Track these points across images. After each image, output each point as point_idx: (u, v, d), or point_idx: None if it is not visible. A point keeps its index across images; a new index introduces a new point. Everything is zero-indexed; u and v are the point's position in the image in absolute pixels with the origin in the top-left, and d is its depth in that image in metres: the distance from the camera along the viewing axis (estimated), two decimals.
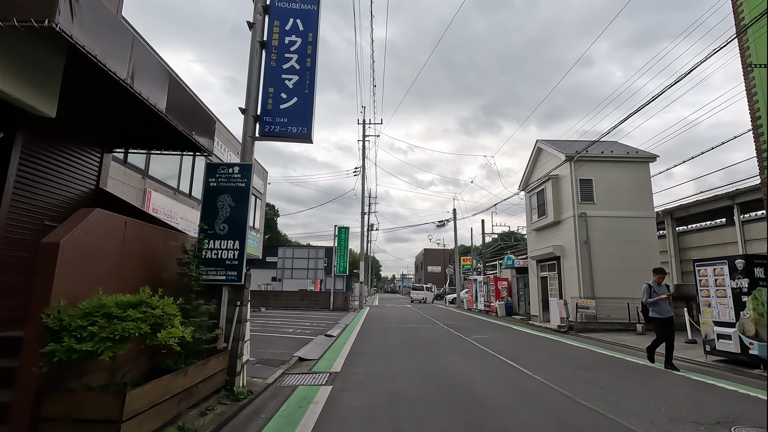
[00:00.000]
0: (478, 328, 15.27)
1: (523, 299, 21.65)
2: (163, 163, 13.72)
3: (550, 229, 17.17)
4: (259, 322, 14.43)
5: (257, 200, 23.89)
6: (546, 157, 17.97)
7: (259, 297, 24.95)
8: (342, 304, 24.36)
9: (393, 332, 13.11)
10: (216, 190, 5.57)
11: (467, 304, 30.70)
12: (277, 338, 10.57)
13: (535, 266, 18.62)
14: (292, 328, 13.09)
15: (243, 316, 5.40)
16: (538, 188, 17.87)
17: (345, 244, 24.91)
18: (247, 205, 5.56)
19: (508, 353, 9.05)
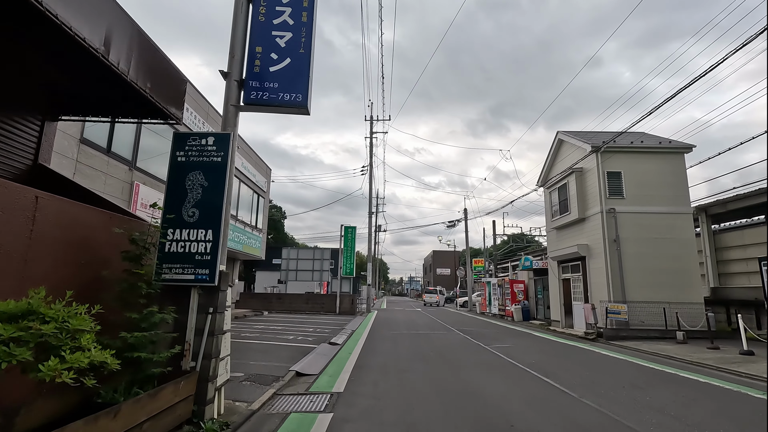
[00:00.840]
0: (496, 334, 13.97)
1: (542, 303, 20.27)
2: (155, 154, 12.68)
3: (574, 227, 15.83)
4: (257, 328, 13.29)
5: (260, 198, 22.85)
6: (568, 150, 16.64)
7: (262, 300, 23.88)
8: (349, 308, 23.18)
9: (404, 340, 11.88)
10: (185, 166, 4.42)
11: (480, 307, 29.32)
12: (275, 347, 9.40)
13: (555, 268, 17.26)
14: (294, 334, 11.92)
15: (217, 326, 4.22)
16: (560, 183, 16.55)
17: (352, 245, 23.74)
18: (225, 184, 4.40)
19: (540, 367, 7.77)
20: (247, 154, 20.86)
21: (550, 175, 18.17)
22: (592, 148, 14.30)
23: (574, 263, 15.87)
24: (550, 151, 18.03)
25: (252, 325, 14.22)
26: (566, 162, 16.56)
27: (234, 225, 18.61)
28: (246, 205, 20.82)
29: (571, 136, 16.29)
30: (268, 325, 14.63)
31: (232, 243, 18.39)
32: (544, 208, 18.85)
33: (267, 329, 13.11)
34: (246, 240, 20.14)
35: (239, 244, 19.14)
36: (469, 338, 12.51)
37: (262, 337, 11.05)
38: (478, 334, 13.68)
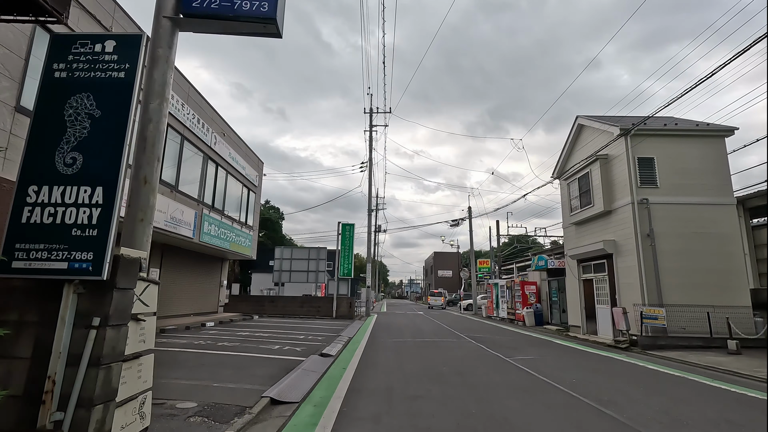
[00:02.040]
0: (513, 342, 12.26)
1: (557, 306, 18.56)
2: None
3: (598, 222, 14.14)
4: (240, 335, 11.58)
5: (250, 192, 21.16)
6: (589, 135, 14.98)
7: (253, 303, 22.18)
8: (346, 312, 21.47)
9: (409, 350, 10.18)
10: (65, 86, 2.73)
11: (486, 311, 27.62)
12: (253, 361, 7.69)
13: (575, 267, 15.57)
14: (281, 343, 10.22)
15: (110, 349, 2.51)
16: (581, 173, 14.88)
17: (350, 243, 22.04)
18: (129, 114, 2.70)
19: (588, 390, 6.07)
20: (236, 145, 19.20)
21: (568, 165, 16.51)
22: (621, 131, 12.63)
23: (597, 262, 14.18)
24: (567, 138, 16.37)
25: (235, 332, 12.50)
26: (587, 149, 14.90)
27: (220, 221, 16.94)
28: (234, 199, 19.14)
29: (593, 120, 14.63)
30: (254, 331, 12.92)
31: (218, 240, 16.71)
32: (560, 202, 17.17)
33: (251, 336, 11.40)
34: (234, 238, 18.46)
35: (226, 242, 17.45)
36: (485, 348, 10.80)
37: (242, 347, 9.34)
38: (492, 343, 11.97)
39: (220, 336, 11.31)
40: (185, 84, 14.11)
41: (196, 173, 15.41)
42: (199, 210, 15.09)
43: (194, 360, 7.51)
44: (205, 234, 15.49)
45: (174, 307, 16.29)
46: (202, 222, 15.29)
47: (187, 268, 17.48)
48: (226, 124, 17.77)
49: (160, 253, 15.35)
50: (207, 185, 16.09)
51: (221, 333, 12.16)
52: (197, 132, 14.89)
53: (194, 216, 14.59)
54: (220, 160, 17.01)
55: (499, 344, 11.66)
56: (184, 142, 14.09)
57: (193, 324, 13.86)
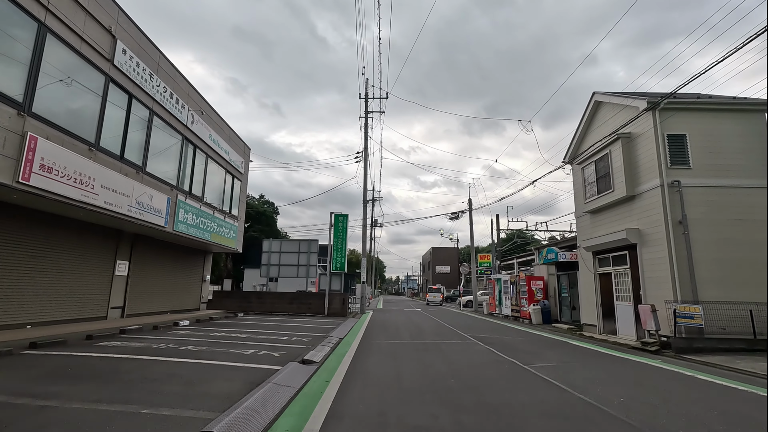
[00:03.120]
0: (525, 344, 10.80)
1: (567, 303, 17.13)
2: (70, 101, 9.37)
3: (618, 209, 12.66)
4: (214, 336, 10.04)
5: (235, 180, 19.53)
6: (608, 113, 13.47)
7: (239, 299, 20.61)
8: (339, 309, 19.96)
9: (408, 354, 8.68)
10: None
11: (487, 308, 26.20)
12: (216, 371, 6.16)
13: (590, 260, 14.12)
14: (257, 347, 8.70)
15: None
16: (598, 155, 13.37)
17: (343, 235, 20.49)
18: None
19: (650, 416, 4.58)
20: (219, 127, 17.56)
21: (582, 147, 15.01)
22: (648, 104, 11.12)
23: (617, 254, 12.71)
24: (582, 119, 14.86)
25: (210, 332, 10.96)
26: (605, 129, 13.40)
27: (199, 209, 15.34)
28: (216, 186, 17.52)
29: (613, 96, 13.11)
30: (232, 331, 11.39)
31: (197, 230, 15.12)
32: (573, 189, 15.68)
33: (226, 338, 9.86)
34: (216, 228, 16.87)
35: (206, 232, 15.87)
36: (495, 351, 9.31)
37: (209, 352, 7.80)
38: (502, 345, 10.49)
39: (188, 338, 9.77)
40: (154, 51, 12.47)
41: (170, 155, 13.80)
42: (173, 196, 13.49)
43: (139, 371, 5.97)
44: (180, 223, 13.91)
45: (146, 304, 14.71)
46: (176, 209, 13.70)
47: (162, 261, 15.89)
48: (205, 102, 16.12)
49: (130, 244, 13.76)
50: (183, 169, 14.48)
51: (192, 334, 10.61)
52: (170, 108, 13.26)
53: (167, 202, 12.99)
54: (198, 142, 15.39)
55: (510, 346, 10.19)
56: (153, 118, 12.46)
57: (164, 323, 12.29)
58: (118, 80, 10.77)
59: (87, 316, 11.77)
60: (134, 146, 11.67)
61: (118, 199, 10.62)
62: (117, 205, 10.56)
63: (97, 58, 10.03)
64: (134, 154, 11.65)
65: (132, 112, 11.46)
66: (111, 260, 12.90)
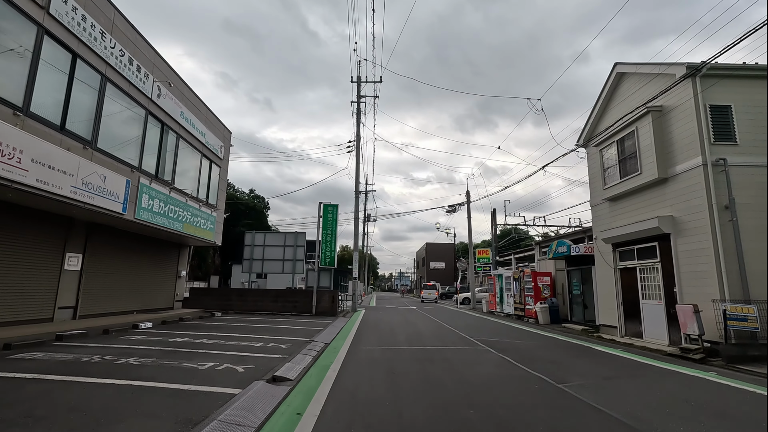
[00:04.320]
0: (544, 351, 9.19)
1: (579, 301, 15.58)
2: None
3: (647, 194, 11.08)
4: (172, 343, 8.27)
5: (213, 165, 17.66)
6: (633, 85, 11.85)
7: (219, 297, 18.79)
8: (328, 307, 18.24)
9: (407, 368, 6.99)
10: None
11: (487, 305, 24.65)
12: (145, 396, 4.41)
13: (609, 253, 12.54)
14: (221, 357, 6.97)
15: None
16: (621, 133, 11.76)
17: (333, 228, 18.74)
18: None
19: None
20: (194, 106, 15.69)
21: (599, 127, 13.39)
22: (688, 70, 9.51)
23: (644, 245, 11.14)
24: (600, 95, 13.23)
25: (169, 338, 9.19)
26: (629, 104, 11.79)
27: (168, 195, 13.50)
28: (190, 171, 15.67)
29: (640, 65, 11.50)
30: (199, 335, 9.61)
31: (165, 219, 13.29)
32: (588, 175, 14.08)
33: (185, 345, 8.10)
34: (190, 218, 15.03)
35: (177, 222, 14.04)
36: (514, 362, 7.66)
37: (151, 368, 6.04)
38: (518, 353, 8.86)
39: (139, 346, 8.00)
40: (108, 6, 10.58)
41: (131, 131, 11.95)
42: (133, 178, 11.66)
43: (30, 401, 4.20)
44: (144, 210, 12.08)
45: (105, 303, 12.87)
46: (139, 194, 11.87)
47: (127, 254, 14.05)
48: (176, 76, 14.24)
49: (84, 235, 11.91)
50: (148, 148, 12.64)
51: (147, 340, 8.84)
52: (129, 76, 11.39)
53: (126, 185, 11.17)
54: (167, 119, 13.52)
55: (528, 354, 8.56)
56: (106, 86, 10.60)
57: (120, 326, 10.49)
58: (56, 33, 8.90)
59: (26, 318, 9.94)
60: (80, 117, 9.82)
61: (57, 177, 8.78)
62: (56, 185, 8.72)
63: (26, 3, 8.18)
64: (80, 125, 9.80)
65: (77, 77, 9.59)
66: (59, 253, 11.05)
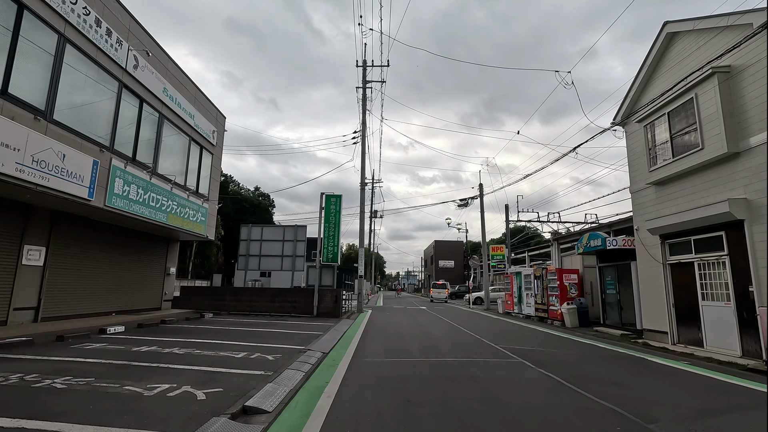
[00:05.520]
0: (593, 366, 7.42)
1: (614, 302, 13.74)
2: None
3: (710, 174, 9.24)
4: (130, 356, 6.63)
5: (203, 151, 16.06)
6: (689, 45, 10.00)
7: (212, 297, 17.21)
8: (331, 308, 16.58)
9: (426, 391, 5.28)
10: None
11: (503, 306, 22.83)
12: None
13: (656, 246, 10.72)
14: (181, 376, 5.32)
15: None
16: (676, 102, 9.93)
17: (336, 221, 17.07)
18: None
19: None
20: (180, 84, 14.07)
21: (643, 100, 11.53)
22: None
23: (706, 236, 9.31)
24: (644, 63, 11.38)
25: (133, 348, 7.56)
26: (683, 68, 9.95)
27: (149, 181, 11.91)
28: (175, 156, 14.04)
29: (699, 20, 9.64)
30: (172, 343, 7.97)
31: (144, 208, 11.68)
32: (627, 156, 12.24)
33: (146, 358, 6.46)
34: (176, 208, 13.43)
35: (160, 212, 12.44)
36: (564, 382, 5.90)
37: (79, 393, 4.39)
38: (561, 367, 7.10)
39: (86, 359, 6.38)
40: None
41: (101, 105, 10.35)
42: (103, 159, 10.07)
43: None
44: (117, 197, 10.49)
45: (76, 303, 11.31)
46: (111, 178, 10.28)
47: (103, 248, 12.49)
48: (157, 46, 12.62)
49: (48, 225, 10.35)
50: (123, 126, 11.05)
51: (104, 350, 7.22)
52: (96, 39, 9.79)
53: (93, 167, 9.58)
54: (146, 95, 11.91)
55: (576, 370, 6.79)
56: (65, 48, 8.99)
57: (81, 331, 8.89)
58: None
59: None
60: (29, 82, 8.22)
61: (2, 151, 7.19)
62: None
63: None
64: (31, 92, 8.20)
65: (22, 34, 7.98)
66: (15, 245, 9.49)
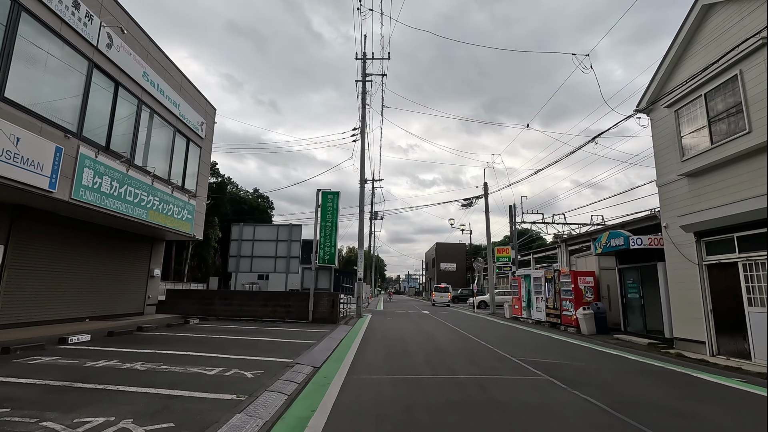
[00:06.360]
0: (635, 385, 6.24)
1: (637, 306, 12.55)
2: None
3: (757, 161, 8.08)
4: (76, 374, 5.45)
5: (190, 144, 14.92)
6: (729, 17, 8.85)
7: (200, 301, 16.03)
8: (327, 313, 15.40)
9: (438, 425, 4.10)
10: None
11: (510, 310, 21.63)
12: None
13: (690, 245, 9.56)
14: (130, 402, 4.16)
15: None
16: (714, 82, 8.79)
17: (333, 219, 15.93)
18: None
19: None
20: (163, 69, 12.92)
21: (673, 83, 10.39)
22: None
23: (752, 232, 8.14)
24: (674, 41, 10.25)
25: (88, 360, 6.39)
26: (720, 45, 8.82)
27: (125, 173, 10.76)
28: (158, 147, 12.88)
29: None
30: (141, 354, 6.79)
31: (122, 204, 10.55)
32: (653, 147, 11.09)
33: (99, 374, 5.28)
34: (158, 204, 12.28)
35: (139, 208, 11.28)
36: (611, 412, 4.71)
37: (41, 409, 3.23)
38: (596, 386, 5.92)
39: (18, 378, 5.21)
40: None
41: (66, 85, 9.22)
42: (70, 146, 8.94)
43: None
44: (86, 189, 9.34)
45: (40, 309, 10.14)
46: (78, 167, 9.14)
47: (77, 248, 11.35)
48: (136, 26, 11.50)
49: (7, 221, 9.22)
50: (94, 111, 9.92)
51: (49, 365, 6.05)
52: (61, 12, 8.67)
53: (56, 154, 8.45)
54: (122, 78, 10.78)
55: (620, 392, 5.61)
56: (20, 17, 7.88)
57: (37, 341, 7.71)
58: None
59: None
60: None
61: None
62: None
63: None
64: None
65: None
66: None
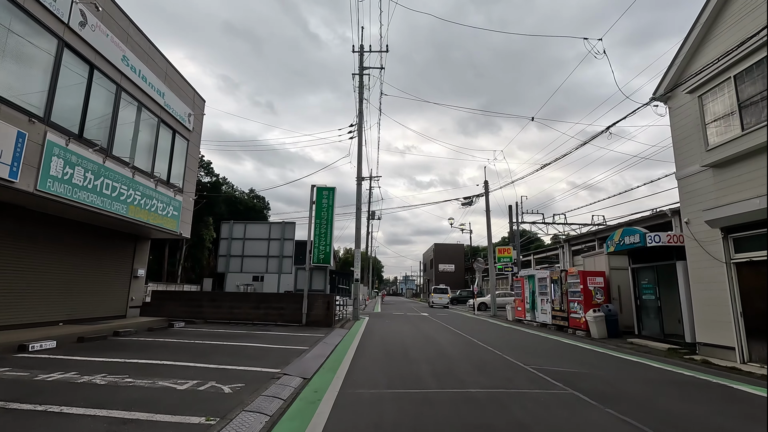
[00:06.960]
0: (680, 402, 5.44)
1: (653, 309, 11.77)
2: None
3: None
4: (19, 392, 4.59)
5: (176, 136, 14.01)
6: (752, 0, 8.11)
7: (187, 303, 15.15)
8: (323, 316, 14.56)
9: None
10: None
11: (513, 312, 20.85)
12: None
13: (718, 241, 8.79)
14: (87, 424, 3.28)
15: None
16: (743, 64, 8.03)
17: (328, 216, 15.08)
18: None
19: None
20: (146, 54, 12.04)
21: (693, 68, 9.63)
22: None
23: None
24: (697, 20, 9.51)
25: (41, 373, 5.51)
26: (749, 23, 8.06)
27: (101, 164, 9.87)
28: (141, 138, 12.00)
29: None
30: (107, 363, 5.92)
31: (97, 197, 9.64)
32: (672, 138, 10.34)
33: (47, 392, 4.41)
34: (140, 199, 11.39)
35: (119, 203, 10.39)
36: None
37: None
38: (628, 401, 5.11)
39: None
40: None
41: (32, 66, 8.36)
42: (35, 132, 8.05)
43: None
44: (54, 180, 8.46)
45: (6, 312, 9.26)
46: (45, 156, 8.25)
47: (51, 246, 10.45)
48: (114, 5, 10.63)
49: None
50: (64, 95, 9.05)
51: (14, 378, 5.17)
52: None
53: (17, 140, 7.58)
54: (98, 60, 9.91)
55: (658, 410, 4.80)
56: None
57: None
58: None
59: None
60: None
61: None
62: None
63: None
64: None
65: None
66: None
